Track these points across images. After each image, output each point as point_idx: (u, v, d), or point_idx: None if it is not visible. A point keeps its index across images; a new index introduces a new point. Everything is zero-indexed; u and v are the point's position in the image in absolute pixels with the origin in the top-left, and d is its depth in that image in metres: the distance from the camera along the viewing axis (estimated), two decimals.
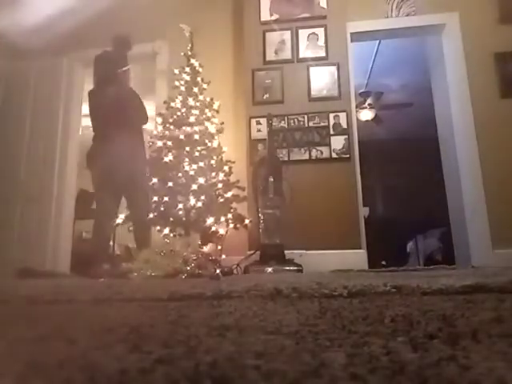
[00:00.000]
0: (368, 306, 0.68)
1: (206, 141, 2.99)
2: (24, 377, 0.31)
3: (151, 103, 3.62)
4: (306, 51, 3.47)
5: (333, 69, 3.40)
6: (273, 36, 3.53)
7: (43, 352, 0.40)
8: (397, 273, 2.11)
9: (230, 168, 3.03)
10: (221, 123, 3.11)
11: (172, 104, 3.10)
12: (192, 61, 3.20)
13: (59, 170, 3.74)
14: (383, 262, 5.14)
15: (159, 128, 3.10)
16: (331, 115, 3.30)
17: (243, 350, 0.38)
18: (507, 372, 0.30)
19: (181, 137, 2.96)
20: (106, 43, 3.77)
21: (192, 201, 2.80)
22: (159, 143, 3.01)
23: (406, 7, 3.52)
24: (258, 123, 3.36)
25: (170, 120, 3.05)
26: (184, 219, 2.83)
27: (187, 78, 3.15)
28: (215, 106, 3.12)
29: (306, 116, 3.33)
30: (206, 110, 3.09)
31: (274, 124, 3.20)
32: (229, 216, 2.90)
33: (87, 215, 4.20)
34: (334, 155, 3.24)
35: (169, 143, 2.99)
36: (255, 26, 3.56)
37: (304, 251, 2.95)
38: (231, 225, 2.91)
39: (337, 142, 3.25)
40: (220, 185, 2.94)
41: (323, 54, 3.43)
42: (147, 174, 2.90)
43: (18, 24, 3.67)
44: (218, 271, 2.00)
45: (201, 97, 3.12)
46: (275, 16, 3.55)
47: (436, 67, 3.82)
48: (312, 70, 3.42)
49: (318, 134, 3.29)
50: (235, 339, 0.43)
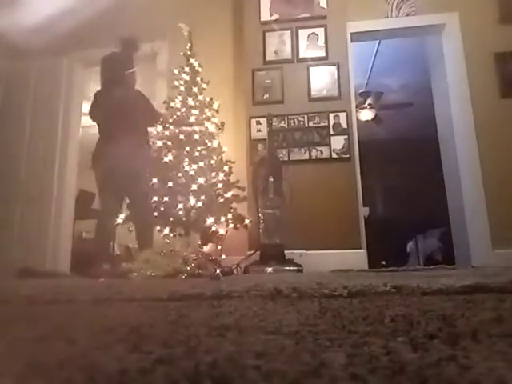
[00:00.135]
0: (368, 306, 0.68)
1: (206, 141, 2.99)
2: (24, 377, 0.31)
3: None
4: (306, 51, 3.47)
5: (333, 69, 3.40)
6: (273, 36, 3.53)
7: (43, 352, 0.40)
8: (397, 273, 2.11)
9: (230, 168, 3.03)
10: (221, 123, 3.11)
11: (172, 104, 3.10)
12: (191, 60, 3.19)
13: (59, 170, 3.74)
14: (383, 262, 5.14)
15: (159, 128, 3.10)
16: (331, 115, 3.30)
17: (243, 350, 0.38)
18: (507, 372, 0.30)
19: (181, 137, 2.96)
20: (106, 43, 3.77)
21: (192, 201, 2.80)
22: (159, 143, 3.01)
23: (406, 7, 3.52)
24: (258, 123, 3.36)
25: (170, 120, 3.05)
26: (184, 219, 2.83)
27: (187, 78, 3.15)
28: (215, 106, 3.12)
29: (306, 116, 3.33)
30: (206, 110, 3.09)
31: (274, 124, 3.20)
32: (229, 216, 2.90)
33: (87, 215, 4.21)
34: (334, 155, 3.24)
35: (169, 143, 2.99)
36: (255, 26, 3.56)
37: (304, 251, 2.95)
38: (231, 225, 2.90)
39: (337, 142, 3.25)
40: (220, 185, 2.94)
41: (323, 54, 3.43)
42: (150, 175, 2.89)
43: (18, 24, 3.67)
44: (218, 271, 2.00)
45: (200, 97, 3.11)
46: (275, 16, 3.55)
47: (436, 67, 3.82)
48: (312, 70, 3.42)
49: (318, 134, 3.29)
50: (235, 339, 0.43)
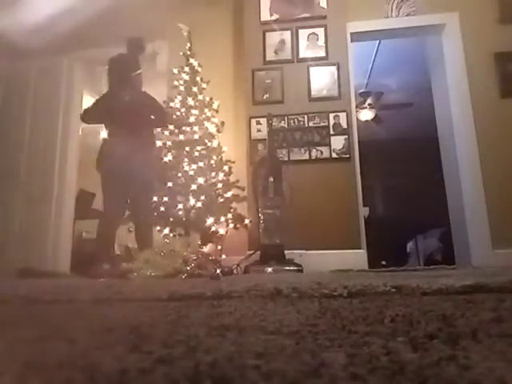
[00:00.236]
0: (368, 306, 0.68)
1: (206, 141, 2.99)
2: (24, 377, 0.31)
3: None
4: (306, 51, 3.47)
5: (333, 69, 3.40)
6: (273, 36, 3.53)
7: (43, 352, 0.40)
8: (397, 273, 2.10)
9: (230, 168, 3.03)
10: (221, 123, 3.11)
11: (171, 104, 3.10)
12: (191, 60, 3.20)
13: (59, 170, 3.74)
14: (383, 262, 5.14)
15: (159, 128, 3.09)
16: (331, 115, 3.30)
17: (243, 350, 0.38)
18: (507, 372, 0.30)
19: (180, 137, 2.96)
20: (106, 43, 3.77)
21: (192, 201, 2.80)
22: (159, 143, 3.01)
23: (406, 7, 3.52)
24: (258, 123, 3.36)
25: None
26: (184, 219, 2.83)
27: (186, 78, 3.15)
28: (215, 106, 3.12)
29: (306, 116, 3.33)
30: (206, 110, 3.09)
31: (274, 124, 3.20)
32: (229, 216, 2.90)
33: (87, 215, 4.21)
34: (334, 155, 3.24)
35: (168, 143, 2.99)
36: (255, 26, 3.56)
37: (304, 251, 2.95)
38: (231, 225, 2.91)
39: (337, 142, 3.25)
40: (220, 185, 2.94)
41: (323, 54, 3.43)
42: (154, 177, 2.88)
43: (18, 24, 3.67)
44: (218, 271, 2.00)
45: (200, 96, 3.12)
46: (275, 16, 3.55)
47: (436, 67, 3.82)
48: (312, 70, 3.42)
49: (318, 134, 3.29)
50: (235, 339, 0.43)
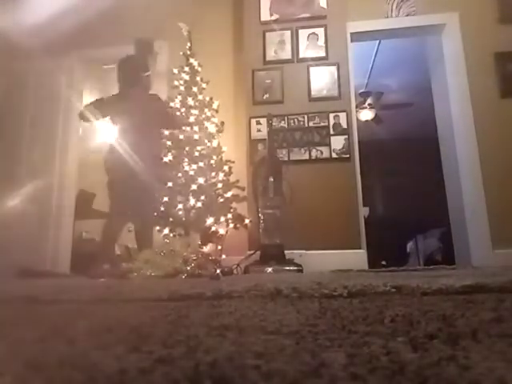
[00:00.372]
0: (368, 306, 0.68)
1: (206, 141, 2.99)
2: (24, 377, 0.31)
3: None
4: (306, 51, 3.47)
5: (333, 69, 3.40)
6: (273, 36, 3.53)
7: (43, 352, 0.40)
8: (397, 273, 2.10)
9: (230, 168, 3.03)
10: (221, 123, 3.10)
11: (171, 104, 3.10)
12: (191, 60, 3.19)
13: (59, 170, 3.74)
14: (383, 262, 5.13)
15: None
16: (331, 115, 3.30)
17: (243, 350, 0.38)
18: (507, 372, 0.30)
19: (180, 137, 2.96)
20: (106, 43, 3.77)
21: (192, 201, 2.80)
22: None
23: (406, 7, 3.51)
24: (258, 123, 3.36)
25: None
26: (184, 219, 2.83)
27: (186, 78, 3.14)
28: (214, 106, 3.12)
29: (306, 116, 3.33)
30: (206, 110, 3.09)
31: (274, 124, 3.20)
32: (229, 216, 2.90)
33: (87, 215, 4.20)
34: (334, 155, 3.24)
35: (168, 143, 2.99)
36: (255, 26, 3.56)
37: (304, 251, 2.95)
38: (231, 225, 2.90)
39: (337, 142, 3.25)
40: (220, 185, 2.94)
41: (323, 54, 3.43)
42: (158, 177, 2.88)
43: (18, 24, 3.67)
44: (218, 271, 2.00)
45: (200, 96, 3.11)
46: (275, 16, 3.55)
47: (436, 67, 3.82)
48: (312, 70, 3.42)
49: (318, 134, 3.29)
50: (235, 339, 0.43)
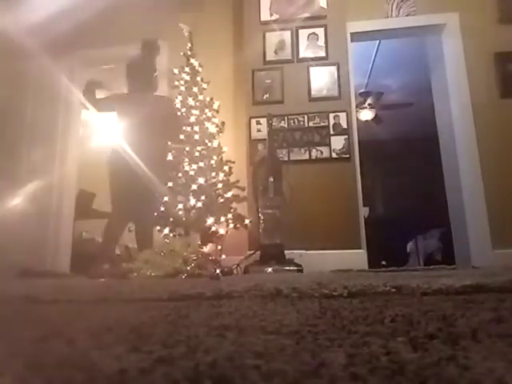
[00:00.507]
0: (368, 306, 0.68)
1: (206, 141, 2.99)
2: (24, 377, 0.31)
3: None
4: (306, 51, 3.47)
5: (333, 69, 3.39)
6: (273, 36, 3.53)
7: (43, 352, 0.40)
8: (397, 273, 2.10)
9: (230, 168, 3.03)
10: (221, 123, 3.10)
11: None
12: (192, 60, 3.19)
13: (59, 170, 3.74)
14: (383, 262, 5.13)
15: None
16: (331, 115, 3.30)
17: (243, 350, 0.38)
18: (507, 372, 0.30)
19: (181, 137, 2.96)
20: (106, 43, 3.77)
21: (192, 201, 2.80)
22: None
23: (406, 7, 3.51)
24: (258, 123, 3.36)
25: None
26: (184, 219, 2.83)
27: (187, 78, 3.14)
28: (215, 106, 3.12)
29: (306, 116, 3.33)
30: (206, 110, 3.09)
31: (274, 124, 3.20)
32: (229, 216, 2.90)
33: (87, 215, 4.20)
34: (334, 155, 3.23)
35: (168, 143, 2.99)
36: (255, 26, 3.56)
37: (304, 251, 2.95)
38: (231, 225, 2.90)
39: (337, 142, 3.25)
40: (220, 185, 2.94)
41: (323, 54, 3.43)
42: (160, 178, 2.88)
43: (18, 24, 3.67)
44: (218, 271, 2.00)
45: (200, 97, 3.11)
46: (275, 16, 3.55)
47: (436, 67, 3.82)
48: (312, 70, 3.42)
49: (318, 134, 3.29)
50: (235, 339, 0.43)
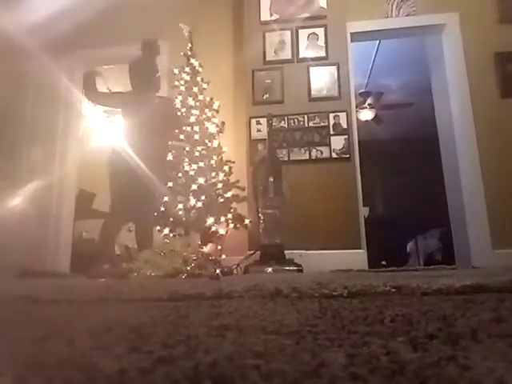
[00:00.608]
0: (368, 306, 0.68)
1: (206, 141, 2.99)
2: (24, 377, 0.31)
3: None
4: (306, 51, 3.47)
5: (333, 69, 3.39)
6: (273, 36, 3.53)
7: (43, 352, 0.40)
8: (397, 273, 2.10)
9: (230, 168, 3.03)
10: (221, 123, 3.11)
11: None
12: (192, 60, 3.19)
13: (59, 170, 3.74)
14: (383, 262, 5.13)
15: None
16: (331, 115, 3.30)
17: (243, 350, 0.38)
18: (507, 372, 0.30)
19: (181, 137, 2.96)
20: (106, 43, 3.77)
21: (192, 201, 2.80)
22: None
23: (406, 7, 3.51)
24: (258, 123, 3.36)
25: None
26: (184, 219, 2.83)
27: (187, 78, 3.14)
28: (215, 106, 3.12)
29: (306, 116, 3.33)
30: (206, 110, 3.09)
31: (274, 124, 3.20)
32: (229, 216, 2.90)
33: (87, 215, 4.20)
34: (334, 155, 3.23)
35: (169, 143, 2.99)
36: (255, 26, 3.56)
37: (304, 251, 2.95)
38: (231, 225, 2.90)
39: (337, 142, 3.25)
40: (220, 185, 2.94)
41: (323, 54, 3.43)
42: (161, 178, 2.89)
43: (18, 24, 3.67)
44: (218, 271, 2.00)
45: (200, 97, 3.11)
46: (275, 16, 3.55)
47: (436, 67, 3.82)
48: (312, 70, 3.42)
49: (318, 134, 3.29)
50: (235, 339, 0.43)
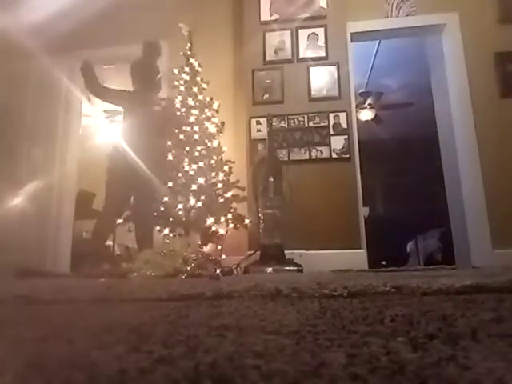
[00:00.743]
0: (368, 306, 0.68)
1: (206, 141, 2.99)
2: (24, 377, 0.31)
3: None
4: (306, 51, 3.47)
5: (333, 69, 3.39)
6: (273, 36, 3.53)
7: (43, 352, 0.40)
8: (397, 273, 2.10)
9: (230, 168, 3.03)
10: (221, 123, 3.10)
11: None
12: (191, 60, 3.19)
13: (59, 170, 3.74)
14: (383, 262, 5.13)
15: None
16: (331, 115, 3.30)
17: (243, 350, 0.38)
18: (507, 372, 0.30)
19: (181, 137, 2.96)
20: (106, 43, 3.77)
21: (192, 201, 2.80)
22: None
23: (406, 7, 3.51)
24: (258, 123, 3.36)
25: None
26: (184, 219, 2.83)
27: (186, 78, 3.14)
28: (215, 106, 3.12)
29: (306, 116, 3.33)
30: (206, 110, 3.09)
31: (274, 124, 3.20)
32: (229, 216, 2.90)
33: (87, 215, 4.20)
34: (334, 155, 3.24)
35: (168, 143, 2.99)
36: (255, 26, 3.56)
37: (304, 251, 2.95)
38: (231, 225, 2.90)
39: (337, 142, 3.25)
40: (220, 185, 2.94)
41: (323, 54, 3.43)
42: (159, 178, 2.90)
43: (19, 24, 3.67)
44: (218, 271, 2.00)
45: (200, 97, 3.11)
46: (275, 16, 3.55)
47: (436, 67, 3.82)
48: (312, 70, 3.42)
49: (318, 134, 3.29)
50: (235, 339, 0.43)
